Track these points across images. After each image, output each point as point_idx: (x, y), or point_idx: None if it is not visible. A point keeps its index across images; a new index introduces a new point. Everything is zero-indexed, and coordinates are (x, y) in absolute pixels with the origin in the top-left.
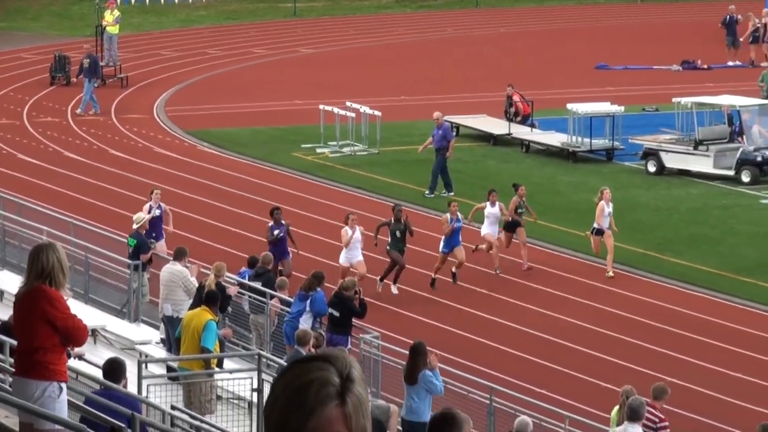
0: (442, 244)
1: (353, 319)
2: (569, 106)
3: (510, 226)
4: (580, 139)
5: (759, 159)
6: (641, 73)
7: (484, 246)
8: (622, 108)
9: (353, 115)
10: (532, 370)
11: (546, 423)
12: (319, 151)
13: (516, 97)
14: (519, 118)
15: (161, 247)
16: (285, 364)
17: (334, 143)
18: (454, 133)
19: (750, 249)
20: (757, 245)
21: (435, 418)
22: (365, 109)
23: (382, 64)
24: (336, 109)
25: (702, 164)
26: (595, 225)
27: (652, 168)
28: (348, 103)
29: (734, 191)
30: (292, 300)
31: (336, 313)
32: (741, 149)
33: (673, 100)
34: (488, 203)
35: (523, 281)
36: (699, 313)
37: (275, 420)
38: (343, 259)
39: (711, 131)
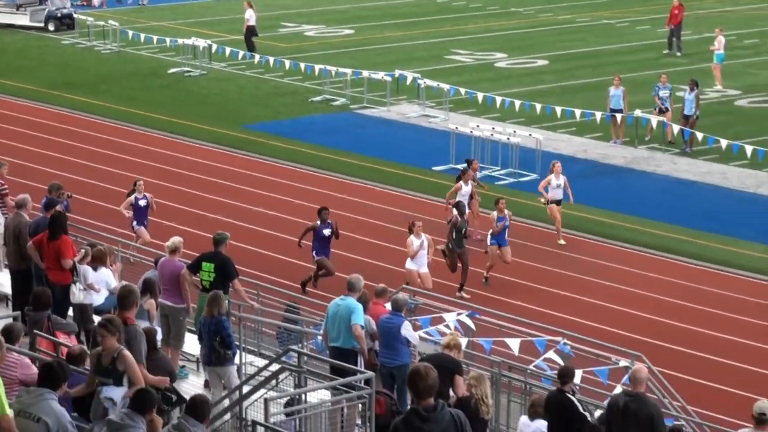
0: (489, 239)
1: None
2: None
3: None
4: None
5: (59, 15)
6: None
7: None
8: None
9: None
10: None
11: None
12: None
13: None
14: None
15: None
16: None
17: None
18: None
19: (56, 74)
20: (60, 71)
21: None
22: None
23: None
24: None
25: (22, 20)
26: (549, 197)
27: None
28: None
29: (51, 37)
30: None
31: None
32: (47, 9)
33: None
34: (462, 183)
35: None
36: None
37: None
38: (410, 265)
39: None
